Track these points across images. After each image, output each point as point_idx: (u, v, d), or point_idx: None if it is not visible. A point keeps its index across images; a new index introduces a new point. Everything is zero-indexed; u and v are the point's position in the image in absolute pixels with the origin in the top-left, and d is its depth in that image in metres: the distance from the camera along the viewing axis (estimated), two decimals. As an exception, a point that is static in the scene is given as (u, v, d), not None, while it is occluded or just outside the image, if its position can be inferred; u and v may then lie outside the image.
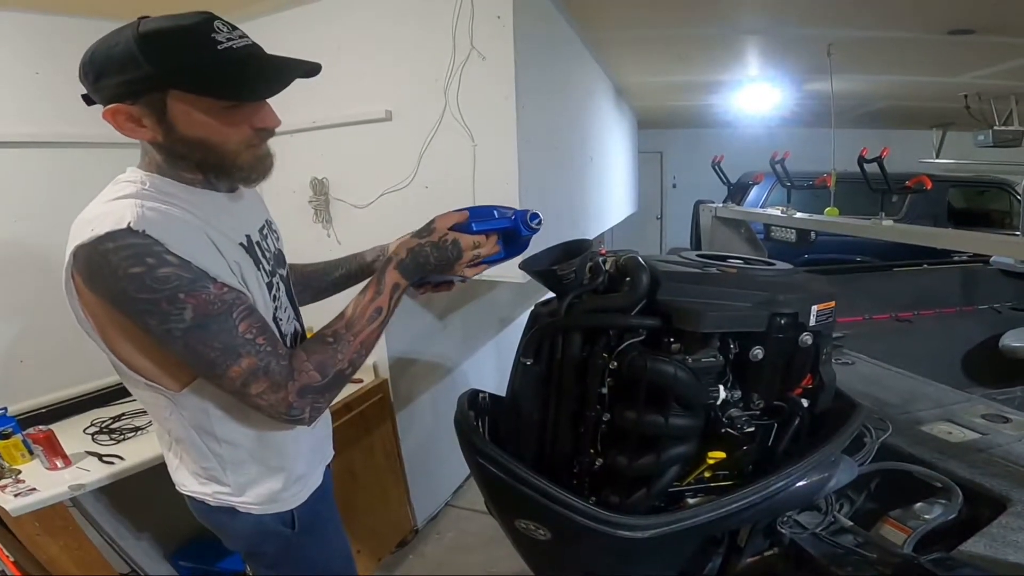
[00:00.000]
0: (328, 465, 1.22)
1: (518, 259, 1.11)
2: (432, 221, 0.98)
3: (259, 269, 0.95)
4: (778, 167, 2.78)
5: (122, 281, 0.74)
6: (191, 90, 0.79)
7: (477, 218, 0.99)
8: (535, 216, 1.00)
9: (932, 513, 1.23)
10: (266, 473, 1.02)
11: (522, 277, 1.60)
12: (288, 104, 0.86)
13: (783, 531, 1.26)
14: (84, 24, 1.87)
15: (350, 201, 2.16)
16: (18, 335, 1.91)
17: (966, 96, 3.87)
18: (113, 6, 1.67)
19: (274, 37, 0.87)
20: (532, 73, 1.88)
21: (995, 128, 3.88)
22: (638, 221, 6.46)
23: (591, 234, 3.34)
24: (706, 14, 2.65)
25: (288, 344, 1.01)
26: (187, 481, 1.03)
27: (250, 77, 0.81)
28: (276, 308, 0.98)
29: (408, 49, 1.90)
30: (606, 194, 3.97)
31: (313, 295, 1.30)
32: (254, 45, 0.83)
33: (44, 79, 1.88)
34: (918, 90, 4.09)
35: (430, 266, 0.96)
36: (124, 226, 0.74)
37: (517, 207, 1.06)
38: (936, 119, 5.12)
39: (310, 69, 0.84)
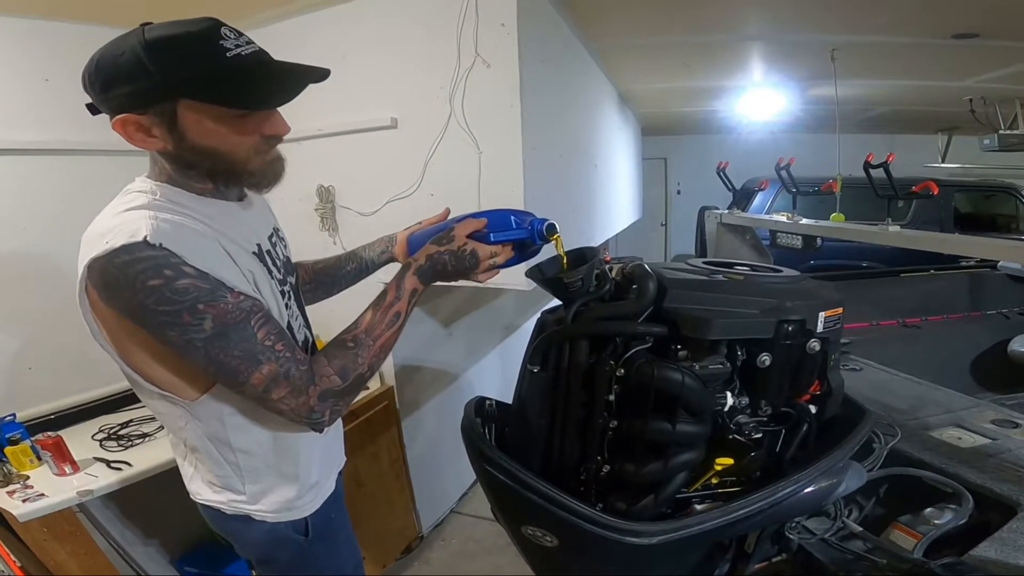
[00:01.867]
0: (340, 471, 1.22)
1: (525, 266, 1.11)
2: (451, 228, 0.99)
3: (271, 277, 0.95)
4: (783, 173, 2.76)
5: (140, 294, 0.74)
6: (203, 99, 0.78)
7: (495, 228, 1.01)
8: (552, 227, 1.02)
9: (942, 518, 1.23)
10: (281, 481, 1.02)
11: (527, 284, 1.61)
12: (294, 112, 0.86)
13: (791, 537, 1.25)
14: (92, 31, 1.88)
15: (356, 209, 2.16)
16: (27, 342, 1.92)
17: (971, 100, 3.87)
18: (119, 13, 1.69)
19: (279, 45, 0.87)
20: (536, 80, 1.88)
21: (1000, 132, 3.89)
22: (642, 228, 6.45)
23: (596, 241, 3.34)
24: (709, 21, 2.65)
25: None
26: (202, 490, 1.03)
27: (262, 85, 0.81)
28: (290, 317, 0.99)
29: (413, 57, 1.91)
30: (611, 201, 3.97)
31: (326, 291, 1.31)
32: (261, 51, 0.82)
33: (53, 86, 1.89)
34: (923, 94, 4.08)
35: (447, 273, 0.98)
36: (140, 239, 0.73)
37: (526, 211, 1.07)
38: (941, 123, 5.13)
39: (320, 76, 0.84)
